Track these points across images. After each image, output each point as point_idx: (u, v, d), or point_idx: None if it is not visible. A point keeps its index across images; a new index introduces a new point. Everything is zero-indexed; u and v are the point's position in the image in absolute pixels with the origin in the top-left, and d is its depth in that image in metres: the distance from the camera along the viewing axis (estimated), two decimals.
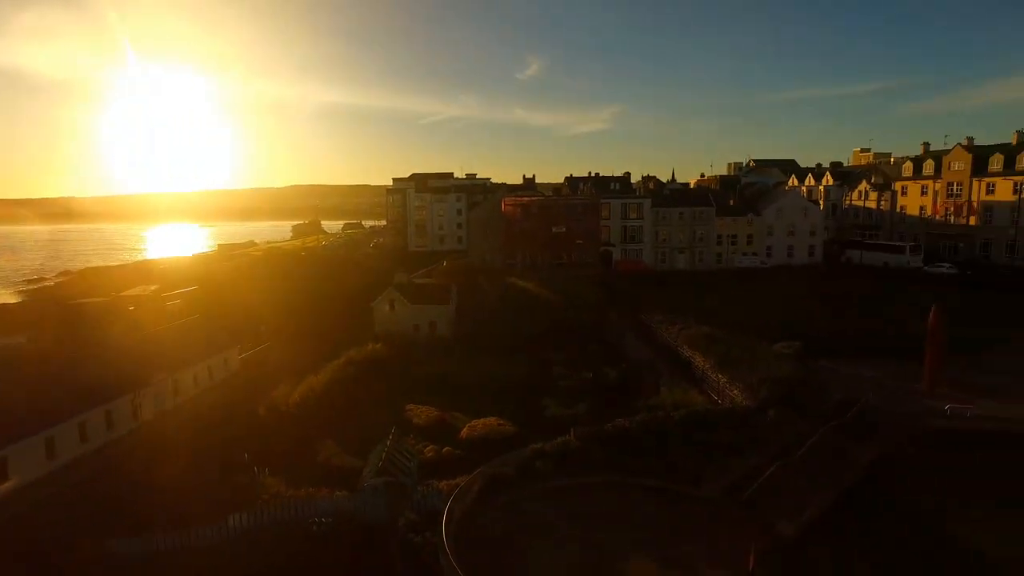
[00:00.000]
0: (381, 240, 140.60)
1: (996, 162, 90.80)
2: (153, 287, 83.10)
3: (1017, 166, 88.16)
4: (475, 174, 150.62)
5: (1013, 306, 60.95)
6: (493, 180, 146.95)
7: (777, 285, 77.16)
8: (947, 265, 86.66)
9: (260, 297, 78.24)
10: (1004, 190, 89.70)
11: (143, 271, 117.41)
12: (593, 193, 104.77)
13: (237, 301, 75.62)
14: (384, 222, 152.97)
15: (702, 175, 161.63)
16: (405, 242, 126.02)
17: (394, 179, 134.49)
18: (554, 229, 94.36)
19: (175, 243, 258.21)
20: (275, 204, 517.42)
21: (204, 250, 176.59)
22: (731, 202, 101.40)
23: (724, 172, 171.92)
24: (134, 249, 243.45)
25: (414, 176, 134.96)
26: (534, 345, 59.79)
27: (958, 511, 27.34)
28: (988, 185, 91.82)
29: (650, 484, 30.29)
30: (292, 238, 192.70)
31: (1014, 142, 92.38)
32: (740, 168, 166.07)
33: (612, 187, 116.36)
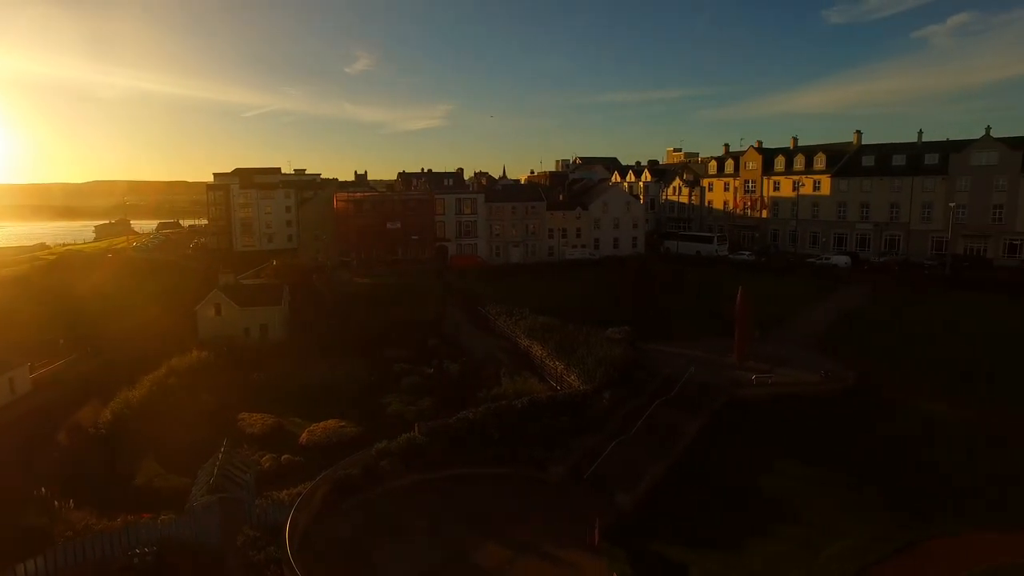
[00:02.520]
0: (203, 240, 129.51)
1: (779, 163, 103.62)
2: None
3: (794, 167, 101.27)
4: (304, 170, 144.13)
5: (795, 287, 69.93)
6: (324, 176, 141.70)
7: (605, 274, 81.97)
8: (747, 253, 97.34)
9: (57, 307, 68.89)
10: (786, 187, 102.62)
11: None
12: (427, 189, 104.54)
13: (28, 312, 66.02)
14: (206, 221, 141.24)
15: (532, 171, 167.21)
16: (230, 242, 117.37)
17: (215, 175, 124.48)
18: (389, 225, 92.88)
19: None
20: (73, 201, 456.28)
21: None
22: (560, 197, 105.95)
23: (553, 168, 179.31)
24: None
25: (238, 171, 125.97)
26: (373, 343, 58.46)
27: (765, 464, 30.73)
28: (775, 183, 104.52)
29: (497, 473, 30.89)
30: (96, 239, 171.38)
31: (792, 146, 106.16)
32: (568, 165, 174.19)
33: (446, 183, 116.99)
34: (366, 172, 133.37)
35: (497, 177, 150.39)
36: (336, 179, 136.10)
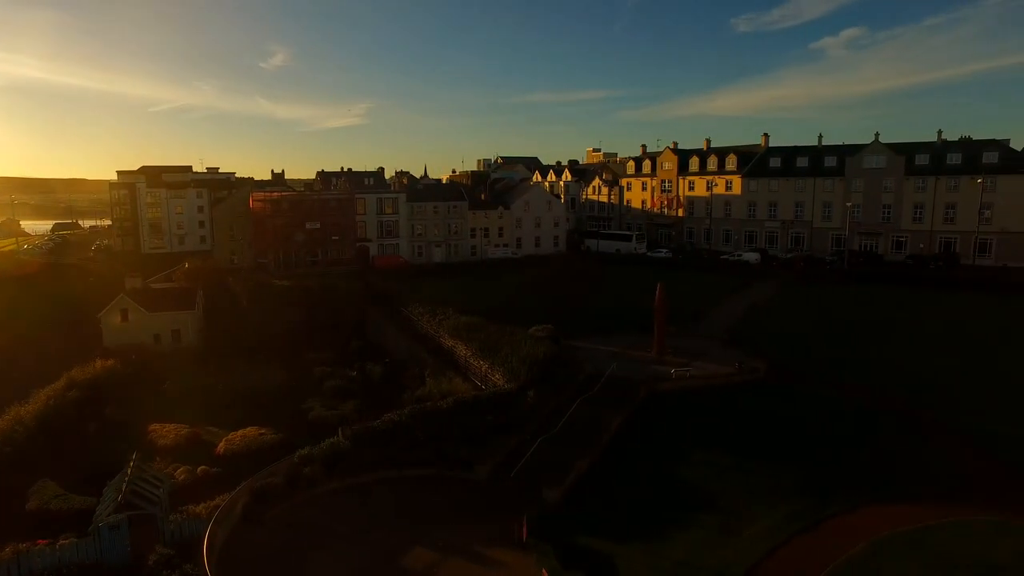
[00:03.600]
0: (106, 242, 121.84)
1: (694, 164, 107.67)
2: None
3: (708, 168, 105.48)
4: (217, 168, 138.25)
5: (710, 283, 72.93)
6: (239, 175, 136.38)
7: (528, 273, 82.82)
8: (664, 250, 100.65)
9: None
10: (700, 187, 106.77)
11: None
12: (348, 188, 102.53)
13: None
14: (109, 221, 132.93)
15: (454, 171, 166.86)
16: (137, 243, 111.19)
17: (120, 173, 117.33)
18: (308, 225, 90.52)
19: None
20: None
21: None
22: (482, 197, 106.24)
23: (475, 168, 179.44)
24: None
25: (144, 169, 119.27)
26: (293, 347, 56.89)
27: (684, 454, 31.91)
28: (690, 183, 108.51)
29: (424, 474, 30.71)
30: None
31: (705, 148, 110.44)
32: (489, 164, 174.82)
33: (367, 182, 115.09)
34: (283, 171, 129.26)
35: (419, 176, 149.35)
36: (252, 178, 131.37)
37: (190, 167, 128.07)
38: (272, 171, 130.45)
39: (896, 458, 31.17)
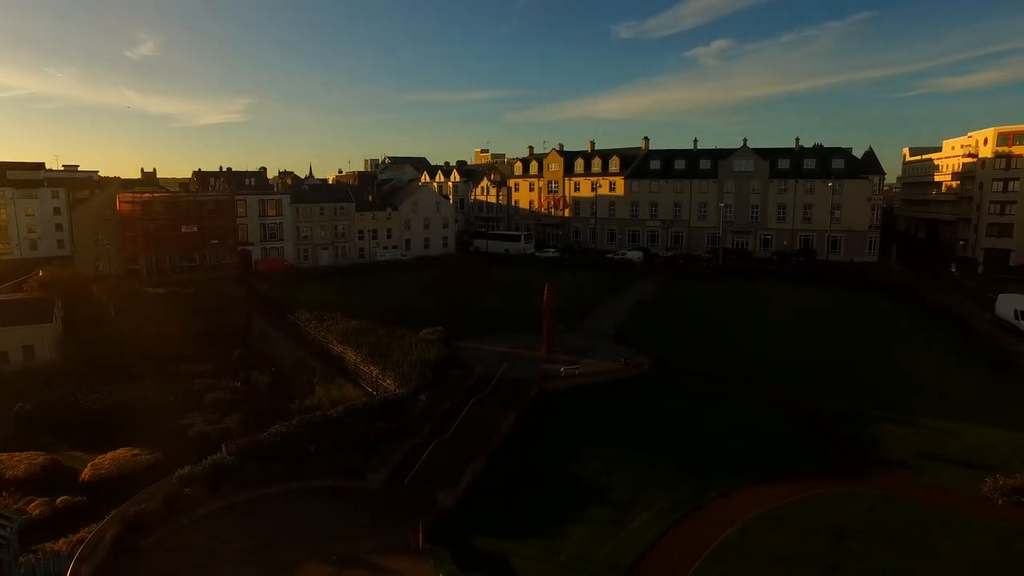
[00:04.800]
0: None
1: (579, 165, 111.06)
2: None
3: (592, 169, 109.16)
4: (77, 166, 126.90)
5: (596, 282, 75.59)
6: (102, 174, 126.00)
7: (417, 275, 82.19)
8: (552, 250, 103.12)
9: None
10: (586, 188, 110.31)
11: None
12: (227, 189, 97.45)
13: None
14: None
15: (340, 171, 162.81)
16: None
17: None
18: (184, 228, 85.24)
19: None
20: None
21: None
22: (370, 198, 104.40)
23: (362, 168, 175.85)
24: None
25: None
26: (169, 359, 53.37)
27: (574, 450, 32.95)
28: (576, 183, 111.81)
29: (316, 486, 29.85)
30: None
31: (590, 150, 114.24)
32: (377, 164, 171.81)
33: (248, 182, 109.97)
34: (155, 170, 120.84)
35: (303, 177, 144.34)
36: (118, 177, 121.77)
37: (43, 164, 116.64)
38: (142, 170, 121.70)
39: (769, 442, 33.74)
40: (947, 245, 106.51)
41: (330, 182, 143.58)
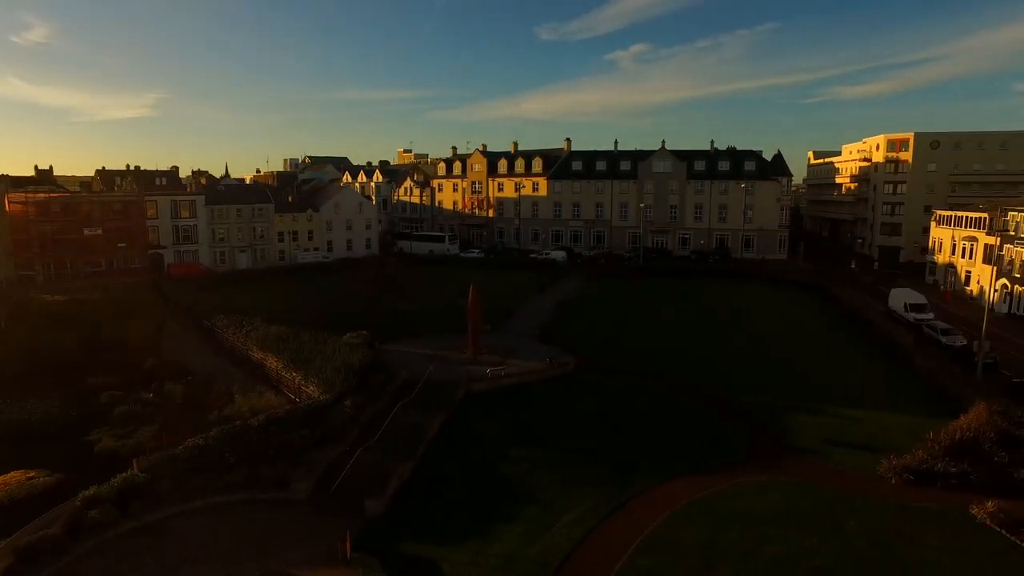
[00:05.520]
0: None
1: (503, 166, 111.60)
2: None
3: (516, 170, 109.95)
4: None
5: (521, 282, 76.22)
6: None
7: (340, 277, 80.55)
8: (477, 250, 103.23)
9: None
10: (509, 188, 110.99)
11: None
12: (136, 189, 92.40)
13: None
14: None
15: (258, 171, 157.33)
16: None
17: None
18: (87, 231, 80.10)
19: None
20: None
21: None
22: (290, 199, 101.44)
23: (281, 168, 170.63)
24: None
25: None
26: (72, 372, 49.97)
27: (502, 452, 33.15)
28: (499, 184, 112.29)
29: (237, 499, 28.78)
30: None
31: (513, 150, 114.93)
32: (297, 164, 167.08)
33: (158, 182, 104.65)
34: (51, 167, 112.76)
35: (219, 177, 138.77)
36: (7, 175, 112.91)
37: None
38: (36, 167, 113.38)
39: (690, 436, 34.98)
40: (847, 243, 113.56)
41: (247, 182, 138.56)
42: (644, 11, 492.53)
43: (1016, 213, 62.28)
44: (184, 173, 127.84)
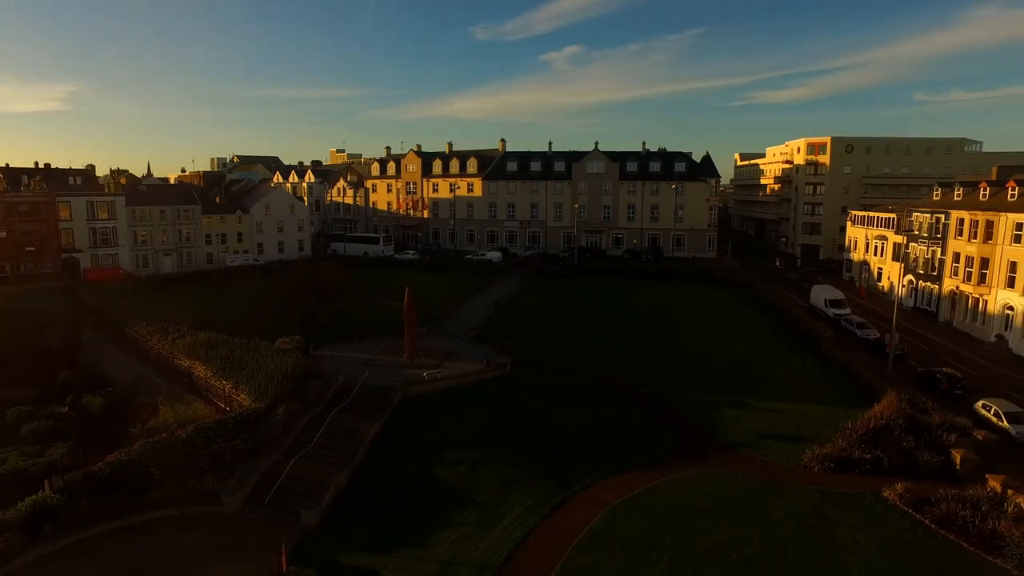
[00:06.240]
0: None
1: (437, 166, 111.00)
2: None
3: (451, 170, 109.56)
4: None
5: (456, 282, 76.04)
6: None
7: (272, 281, 78.17)
8: (412, 252, 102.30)
9: None
10: (444, 189, 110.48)
11: None
12: (46, 189, 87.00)
13: None
14: None
15: (183, 170, 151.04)
16: None
17: None
18: None
19: None
20: None
21: None
22: (217, 199, 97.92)
23: (208, 168, 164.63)
24: None
25: None
26: None
27: (440, 455, 32.99)
28: (434, 184, 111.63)
29: (163, 516, 27.63)
30: None
31: (448, 151, 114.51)
32: (224, 164, 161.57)
33: (72, 181, 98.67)
34: None
35: (140, 176, 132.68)
36: None
37: None
38: None
39: (626, 434, 35.68)
40: (772, 241, 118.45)
41: (172, 182, 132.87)
42: (576, 14, 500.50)
43: (919, 214, 66.37)
44: (102, 172, 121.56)
